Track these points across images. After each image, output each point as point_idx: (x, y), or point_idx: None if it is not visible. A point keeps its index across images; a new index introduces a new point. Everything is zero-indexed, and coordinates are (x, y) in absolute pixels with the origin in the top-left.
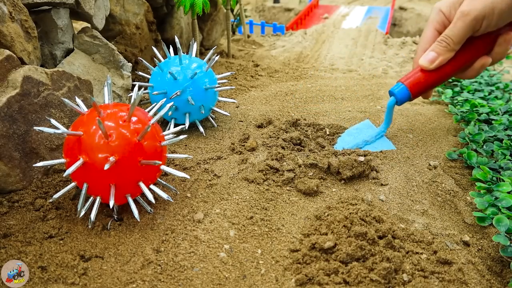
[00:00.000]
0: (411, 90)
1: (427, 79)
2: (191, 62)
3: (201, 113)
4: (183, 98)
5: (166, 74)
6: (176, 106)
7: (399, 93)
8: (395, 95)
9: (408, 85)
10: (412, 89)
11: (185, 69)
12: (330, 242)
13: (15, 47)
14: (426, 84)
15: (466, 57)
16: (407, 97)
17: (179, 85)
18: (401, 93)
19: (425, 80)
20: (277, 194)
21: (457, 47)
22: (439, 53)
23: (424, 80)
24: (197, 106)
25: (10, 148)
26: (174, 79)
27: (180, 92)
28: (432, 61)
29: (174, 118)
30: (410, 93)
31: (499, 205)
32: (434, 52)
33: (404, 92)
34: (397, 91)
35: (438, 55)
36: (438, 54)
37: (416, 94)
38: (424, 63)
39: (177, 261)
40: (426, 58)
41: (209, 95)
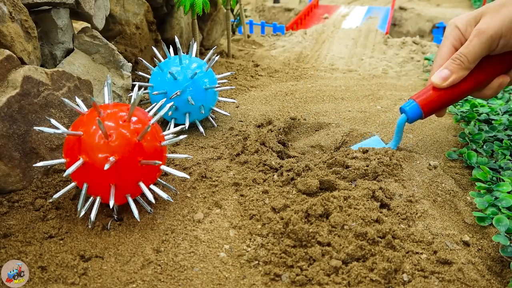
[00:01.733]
0: (423, 108)
1: (440, 97)
2: (191, 62)
3: (201, 113)
4: (183, 98)
5: (166, 74)
6: (176, 106)
7: (410, 111)
8: (406, 113)
9: (420, 102)
10: (424, 107)
11: (185, 69)
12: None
13: (15, 47)
14: (439, 103)
15: (482, 76)
16: (419, 115)
17: (179, 85)
18: (412, 111)
19: (438, 98)
20: (277, 194)
21: (472, 66)
22: (453, 71)
23: (437, 98)
24: (197, 106)
25: (10, 148)
26: (174, 79)
27: (180, 92)
28: (445, 79)
29: (174, 118)
30: (422, 111)
31: (499, 205)
32: (448, 70)
33: (415, 110)
34: (408, 108)
35: (451, 73)
36: (451, 72)
37: (429, 113)
38: (437, 80)
39: (177, 261)
40: (439, 76)
41: (209, 95)
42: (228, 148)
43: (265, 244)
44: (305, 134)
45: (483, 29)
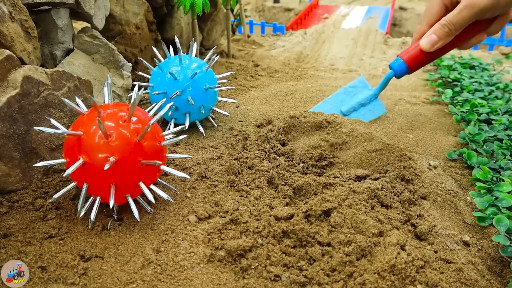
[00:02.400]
0: (409, 65)
1: (425, 56)
2: (191, 62)
3: (201, 113)
4: (183, 98)
5: (166, 74)
6: (176, 106)
7: (398, 68)
8: (393, 69)
9: (406, 60)
10: (410, 64)
11: (185, 69)
12: None
13: (15, 47)
14: (423, 61)
15: (465, 36)
16: (405, 72)
17: (179, 85)
18: (399, 67)
19: (423, 57)
20: (277, 194)
21: (458, 33)
22: (440, 37)
23: (422, 57)
24: (197, 106)
25: (10, 148)
26: (174, 79)
27: (180, 92)
28: (433, 44)
29: (174, 118)
30: (408, 68)
31: (499, 205)
32: (436, 36)
33: (402, 67)
34: (396, 65)
35: (439, 39)
36: (439, 38)
37: (414, 69)
38: (425, 45)
39: (177, 261)
40: (427, 41)
41: (209, 95)
42: (228, 148)
43: (265, 244)
44: (305, 134)
45: (473, 2)
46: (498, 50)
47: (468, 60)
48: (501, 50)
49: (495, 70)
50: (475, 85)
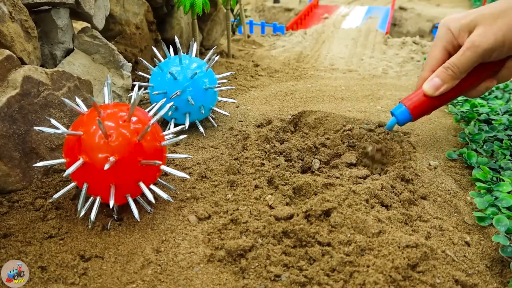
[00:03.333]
0: (412, 112)
1: (430, 102)
2: (191, 62)
3: (201, 113)
4: (183, 98)
5: (166, 74)
6: (176, 106)
7: (400, 115)
8: (396, 117)
9: (409, 107)
10: (414, 111)
11: (185, 69)
12: None
13: (15, 47)
14: (428, 107)
15: (471, 81)
16: (408, 119)
17: (179, 85)
18: (402, 115)
19: (428, 103)
20: (277, 194)
21: (463, 76)
22: (444, 81)
23: (426, 104)
24: (197, 106)
25: (10, 148)
26: (174, 79)
27: (180, 92)
28: (437, 88)
29: (174, 118)
30: (411, 116)
31: (499, 205)
32: (439, 79)
33: (405, 114)
34: (398, 112)
35: (443, 82)
36: (443, 82)
37: (417, 117)
38: (428, 90)
39: (177, 261)
40: (431, 85)
41: (209, 95)
42: (228, 148)
43: (265, 244)
44: (306, 134)
45: (477, 42)
46: None
47: None
48: None
49: None
50: None
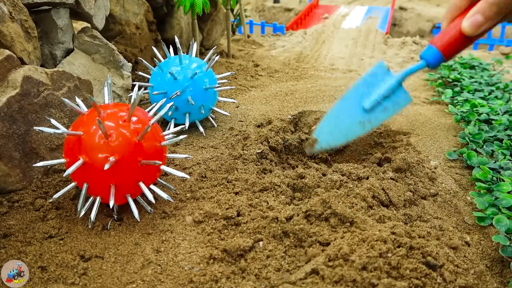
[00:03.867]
0: (444, 52)
1: (463, 41)
2: (191, 62)
3: (201, 113)
4: (183, 98)
5: (166, 74)
6: (176, 106)
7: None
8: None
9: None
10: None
11: (185, 69)
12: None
13: (15, 47)
14: (460, 47)
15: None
16: (440, 60)
17: (179, 85)
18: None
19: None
20: (277, 194)
21: (508, 10)
22: (487, 18)
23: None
24: (197, 106)
25: (10, 148)
26: (174, 79)
27: (180, 92)
28: (479, 26)
29: (174, 118)
30: (442, 56)
31: (499, 205)
32: (482, 17)
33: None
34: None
35: (485, 19)
36: (485, 18)
37: (450, 57)
38: (468, 28)
39: (177, 261)
40: (472, 23)
41: (209, 95)
42: (228, 148)
43: (265, 244)
44: (306, 134)
45: None
46: (498, 50)
47: (468, 60)
48: (501, 50)
49: (495, 70)
50: (475, 85)
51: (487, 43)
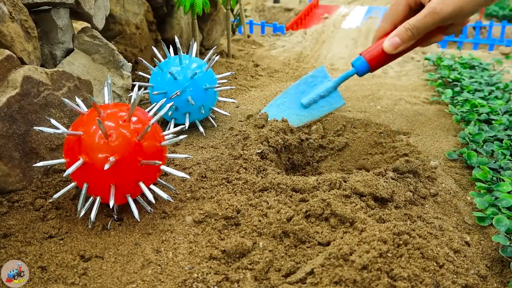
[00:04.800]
0: (371, 64)
1: (386, 57)
2: (191, 62)
3: (201, 113)
4: (183, 98)
5: (166, 74)
6: (176, 106)
7: (360, 66)
8: (355, 67)
9: (368, 59)
10: (372, 63)
11: (185, 69)
12: None
13: (15, 47)
14: (384, 61)
15: (425, 38)
16: (366, 70)
17: (179, 85)
18: (361, 66)
19: (384, 57)
20: (278, 193)
21: (420, 36)
22: (403, 41)
23: (383, 57)
24: (197, 106)
25: (10, 148)
26: (174, 79)
27: (180, 92)
28: (396, 47)
29: (174, 118)
30: (369, 67)
31: (499, 205)
32: (399, 39)
33: (364, 66)
34: (358, 64)
35: (402, 42)
36: (402, 41)
37: (375, 68)
38: (388, 47)
39: (177, 261)
40: (390, 44)
41: (209, 95)
42: (228, 148)
43: (266, 244)
44: (306, 134)
45: (438, 10)
46: (498, 50)
47: (468, 60)
48: (501, 50)
49: (495, 70)
50: (475, 85)
51: (487, 43)
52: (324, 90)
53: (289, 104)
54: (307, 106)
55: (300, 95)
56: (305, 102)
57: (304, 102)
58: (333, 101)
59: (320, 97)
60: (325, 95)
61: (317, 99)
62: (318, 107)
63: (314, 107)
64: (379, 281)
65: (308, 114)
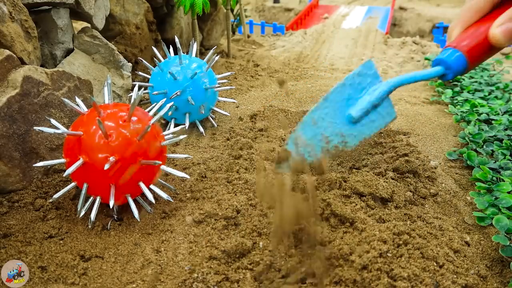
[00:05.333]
0: (470, 59)
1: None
2: (191, 62)
3: (201, 113)
4: (183, 98)
5: (166, 74)
6: (176, 106)
7: (455, 63)
8: (449, 64)
9: (466, 52)
10: (472, 57)
11: (185, 69)
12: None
13: (15, 47)
14: (486, 55)
15: None
16: (463, 69)
17: (179, 85)
18: (457, 62)
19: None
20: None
21: None
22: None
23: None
24: (197, 106)
25: (10, 148)
26: (174, 79)
27: (180, 92)
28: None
29: (174, 118)
30: (467, 63)
31: (499, 205)
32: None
33: (461, 61)
34: (452, 59)
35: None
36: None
37: (474, 65)
38: (499, 36)
39: (177, 261)
40: (502, 31)
41: (209, 95)
42: (228, 148)
43: (265, 244)
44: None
45: None
46: None
47: None
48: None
49: (495, 70)
50: (475, 85)
51: None
52: (377, 97)
53: (332, 117)
54: (356, 121)
55: (346, 103)
56: (356, 114)
57: (354, 114)
58: (385, 113)
59: (372, 107)
60: (378, 103)
61: (369, 110)
62: (369, 122)
63: (364, 122)
64: (379, 281)
65: (358, 133)
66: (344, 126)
